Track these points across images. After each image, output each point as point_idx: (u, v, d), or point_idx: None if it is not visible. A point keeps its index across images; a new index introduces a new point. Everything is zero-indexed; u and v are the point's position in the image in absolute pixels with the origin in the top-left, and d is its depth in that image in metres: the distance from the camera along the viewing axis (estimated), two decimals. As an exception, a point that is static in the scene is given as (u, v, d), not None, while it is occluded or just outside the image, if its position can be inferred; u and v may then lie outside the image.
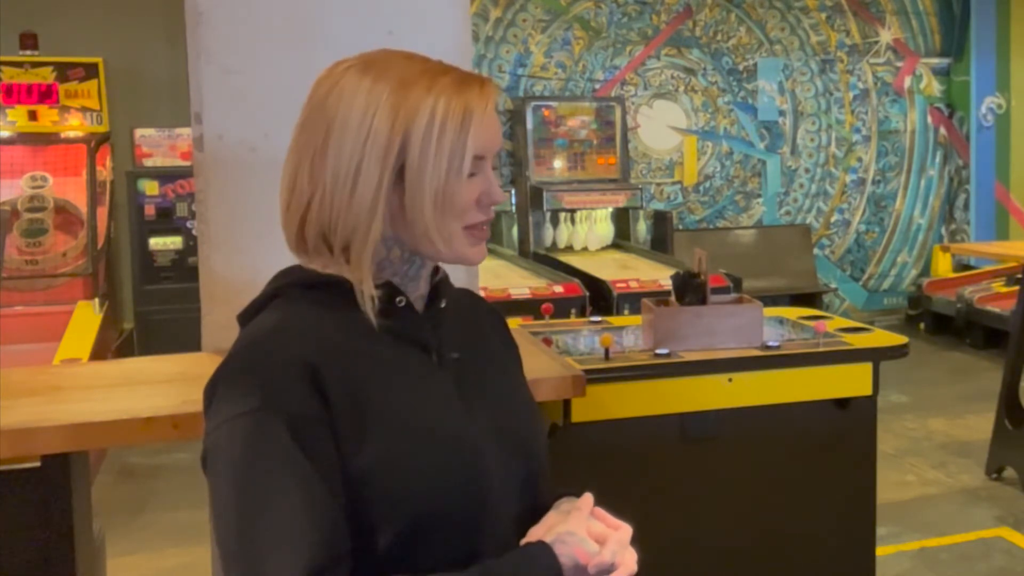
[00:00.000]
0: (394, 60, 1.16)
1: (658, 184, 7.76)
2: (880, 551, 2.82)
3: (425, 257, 1.19)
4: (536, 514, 1.20)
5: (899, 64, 8.28)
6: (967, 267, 8.02)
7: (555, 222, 6.90)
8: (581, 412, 2.34)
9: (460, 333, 1.24)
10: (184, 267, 6.08)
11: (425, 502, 1.10)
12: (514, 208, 6.79)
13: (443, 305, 1.23)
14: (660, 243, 7.14)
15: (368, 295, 1.13)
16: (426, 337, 1.19)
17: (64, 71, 6.08)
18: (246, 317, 1.19)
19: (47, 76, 6.05)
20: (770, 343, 2.59)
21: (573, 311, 5.02)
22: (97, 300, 5.29)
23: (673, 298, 2.68)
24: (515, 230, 6.81)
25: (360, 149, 1.11)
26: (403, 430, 1.11)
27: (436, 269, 1.24)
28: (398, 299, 1.17)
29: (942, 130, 8.43)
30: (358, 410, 1.09)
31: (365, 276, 1.13)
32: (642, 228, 7.11)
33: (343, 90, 1.13)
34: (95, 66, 6.12)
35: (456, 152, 1.12)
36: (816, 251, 8.11)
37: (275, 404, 1.06)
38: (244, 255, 2.11)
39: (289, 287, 1.17)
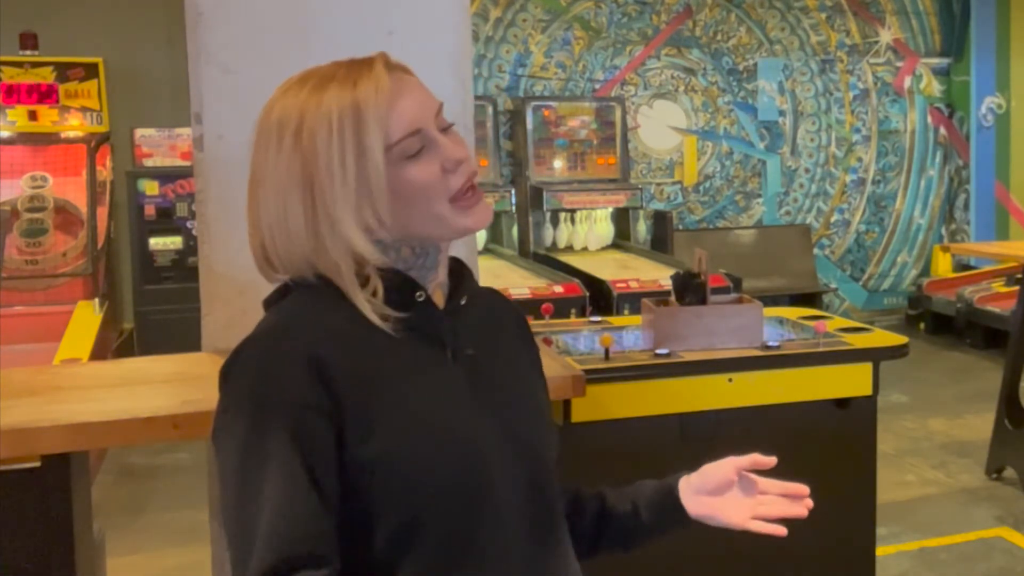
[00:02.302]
0: (291, 91, 1.16)
1: (658, 184, 7.76)
2: (880, 551, 2.82)
3: (435, 241, 1.18)
4: (546, 515, 1.20)
5: (899, 64, 8.27)
6: (967, 267, 8.01)
7: (555, 222, 6.90)
8: (581, 412, 2.34)
9: (478, 331, 1.23)
10: (184, 267, 6.07)
11: (425, 499, 1.10)
12: (514, 208, 6.79)
13: (463, 302, 1.22)
14: (660, 243, 7.14)
15: (364, 304, 1.13)
16: (442, 333, 1.18)
17: (64, 71, 6.07)
18: (270, 302, 1.21)
19: (47, 76, 6.05)
20: (770, 343, 2.59)
21: (573, 311, 5.01)
22: (97, 300, 5.28)
23: (673, 298, 2.68)
24: (515, 230, 6.81)
25: (281, 195, 1.13)
26: (410, 425, 1.11)
27: (457, 263, 1.24)
28: (417, 294, 1.17)
29: (942, 130, 8.43)
30: (366, 402, 1.09)
31: (353, 291, 1.13)
32: (642, 228, 7.11)
33: (258, 141, 1.17)
34: (95, 66, 6.12)
35: (364, 150, 1.10)
36: (816, 251, 8.11)
37: (278, 394, 1.07)
38: (244, 255, 2.10)
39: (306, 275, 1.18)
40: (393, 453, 1.09)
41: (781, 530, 1.26)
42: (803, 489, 1.30)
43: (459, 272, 1.24)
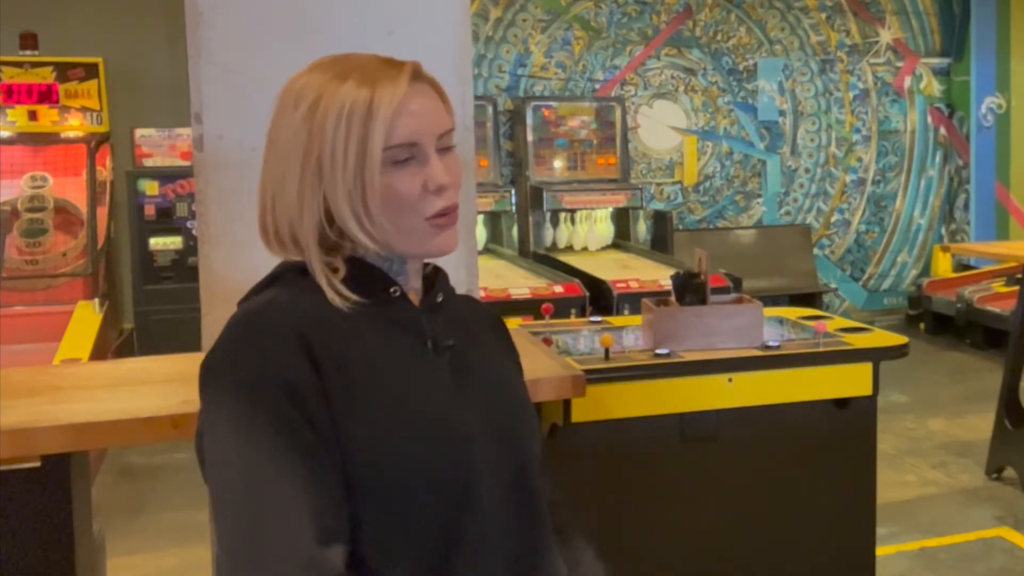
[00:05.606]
0: (319, 69, 1.18)
1: (658, 184, 7.76)
2: (880, 551, 2.82)
3: (403, 255, 1.19)
4: (530, 508, 1.20)
5: (899, 64, 8.27)
6: (967, 267, 8.02)
7: (555, 222, 6.90)
8: (581, 412, 2.34)
9: (455, 324, 1.24)
10: (184, 267, 6.08)
11: (410, 489, 1.10)
12: (514, 208, 6.79)
13: (439, 299, 1.24)
14: (660, 243, 7.14)
15: (323, 280, 1.15)
16: (420, 324, 1.20)
17: (64, 71, 6.07)
18: (244, 300, 1.21)
19: (47, 76, 6.04)
20: (770, 343, 2.59)
21: (573, 311, 5.02)
22: (97, 300, 5.28)
23: (673, 298, 2.68)
24: (515, 230, 6.81)
25: (284, 159, 1.15)
26: (394, 414, 1.12)
27: (433, 268, 1.26)
28: (392, 289, 1.19)
29: (942, 130, 8.43)
30: (348, 387, 1.10)
31: (316, 261, 1.15)
32: (642, 228, 7.11)
33: (277, 108, 1.19)
34: (95, 66, 6.12)
35: (366, 146, 1.12)
36: (816, 251, 8.11)
37: (273, 371, 1.07)
38: (244, 255, 2.11)
39: (286, 271, 1.20)
40: (379, 442, 1.09)
41: None
42: None
43: (434, 275, 1.26)
